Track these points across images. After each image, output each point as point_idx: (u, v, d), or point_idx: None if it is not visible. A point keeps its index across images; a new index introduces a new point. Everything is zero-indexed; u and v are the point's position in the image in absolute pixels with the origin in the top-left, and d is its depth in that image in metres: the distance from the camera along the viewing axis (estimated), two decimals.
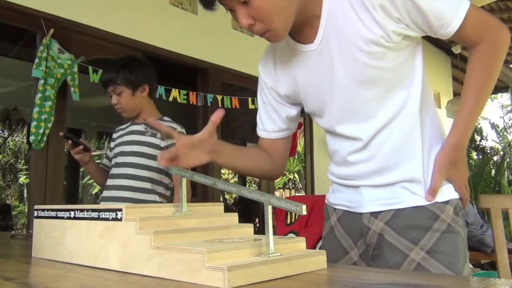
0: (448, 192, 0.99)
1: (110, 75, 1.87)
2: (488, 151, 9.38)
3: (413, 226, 0.97)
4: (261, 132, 1.17)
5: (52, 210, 0.84)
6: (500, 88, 8.69)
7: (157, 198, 1.87)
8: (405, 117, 0.99)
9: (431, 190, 0.97)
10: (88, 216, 0.75)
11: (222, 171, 6.46)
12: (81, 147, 1.86)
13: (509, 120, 14.45)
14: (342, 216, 1.11)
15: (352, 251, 1.08)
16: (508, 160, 8.86)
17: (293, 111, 1.14)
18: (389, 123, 0.99)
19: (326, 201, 1.18)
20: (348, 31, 0.94)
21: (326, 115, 1.06)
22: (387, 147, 0.99)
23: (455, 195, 1.00)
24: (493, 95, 13.99)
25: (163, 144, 1.87)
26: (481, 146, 9.29)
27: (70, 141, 1.84)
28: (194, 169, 0.98)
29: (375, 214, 1.02)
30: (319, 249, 1.01)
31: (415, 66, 1.01)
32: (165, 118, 1.96)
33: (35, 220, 0.88)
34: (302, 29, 0.99)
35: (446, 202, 0.98)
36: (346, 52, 0.95)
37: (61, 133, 1.89)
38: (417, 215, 0.98)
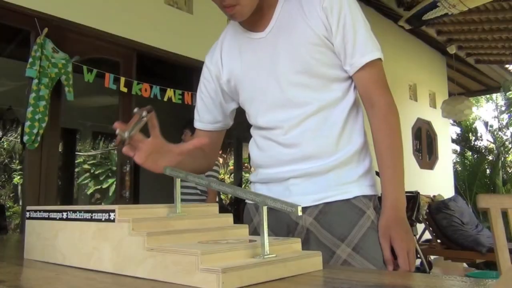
0: (372, 188, 1.04)
1: None
2: (483, 151, 9.43)
3: (340, 222, 0.99)
4: (197, 123, 1.19)
5: (44, 211, 0.83)
6: (493, 88, 8.74)
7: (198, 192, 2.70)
8: (335, 110, 1.03)
9: (386, 260, 0.96)
10: (80, 217, 0.74)
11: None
12: None
13: (504, 120, 14.53)
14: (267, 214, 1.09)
15: None
16: (502, 159, 8.91)
17: (231, 106, 1.18)
18: (316, 113, 1.02)
19: (247, 202, 1.15)
20: (298, 23, 1.02)
21: (255, 104, 1.09)
22: (312, 134, 1.02)
23: (376, 192, 1.04)
24: (487, 95, 14.06)
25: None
26: (476, 146, 9.34)
27: None
28: None
29: (303, 209, 1.00)
30: None
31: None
32: None
33: (27, 221, 0.87)
34: (256, 17, 1.03)
35: (370, 198, 1.02)
36: (293, 42, 1.02)
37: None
38: (344, 210, 1.00)
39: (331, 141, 1.02)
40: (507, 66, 7.71)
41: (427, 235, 4.71)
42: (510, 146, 10.29)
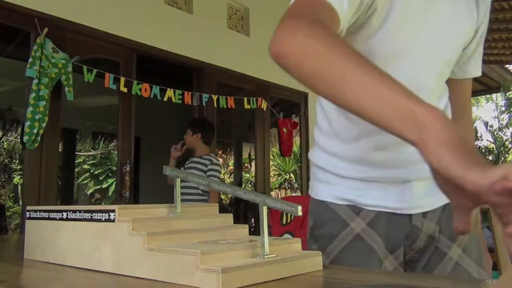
0: None
1: None
2: (483, 151, 9.43)
3: (451, 223, 0.92)
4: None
5: (45, 211, 0.82)
6: (493, 88, 8.74)
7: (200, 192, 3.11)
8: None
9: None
10: (80, 217, 0.74)
11: None
12: None
13: (504, 120, 14.54)
14: (375, 219, 0.92)
15: (386, 259, 0.91)
16: (502, 159, 8.90)
17: None
18: (444, 107, 0.97)
19: (338, 201, 0.94)
20: (463, 8, 0.90)
21: (396, 70, 0.85)
22: None
23: None
24: (487, 95, 14.07)
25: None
26: (475, 146, 9.34)
27: None
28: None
29: (424, 214, 0.92)
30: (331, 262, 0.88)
31: None
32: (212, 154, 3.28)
33: (27, 221, 0.87)
34: None
35: None
36: (456, 24, 0.90)
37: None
38: (450, 210, 0.93)
39: None
40: (507, 66, 7.71)
41: None
42: (510, 146, 10.30)
